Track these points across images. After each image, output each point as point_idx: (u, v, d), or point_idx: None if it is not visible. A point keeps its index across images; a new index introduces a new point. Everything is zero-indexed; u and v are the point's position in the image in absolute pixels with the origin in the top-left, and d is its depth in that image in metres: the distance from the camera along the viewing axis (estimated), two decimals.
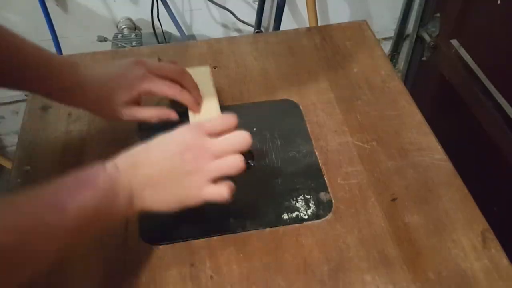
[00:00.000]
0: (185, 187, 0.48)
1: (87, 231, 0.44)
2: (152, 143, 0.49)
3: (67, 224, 0.41)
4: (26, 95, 0.93)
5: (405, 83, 1.61)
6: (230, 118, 0.50)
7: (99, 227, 0.46)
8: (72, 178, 0.44)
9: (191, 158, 0.47)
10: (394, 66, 1.66)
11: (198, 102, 0.61)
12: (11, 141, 1.53)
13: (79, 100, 0.57)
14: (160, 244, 0.53)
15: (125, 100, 0.57)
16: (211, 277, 0.50)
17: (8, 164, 1.47)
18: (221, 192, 0.48)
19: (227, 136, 0.49)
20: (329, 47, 0.79)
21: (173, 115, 0.59)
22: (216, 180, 0.48)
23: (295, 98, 0.70)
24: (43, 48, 0.55)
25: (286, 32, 0.83)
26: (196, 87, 0.61)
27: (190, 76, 0.61)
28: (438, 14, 1.37)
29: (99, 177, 0.44)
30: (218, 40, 0.81)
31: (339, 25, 0.83)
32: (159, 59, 0.63)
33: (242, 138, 0.49)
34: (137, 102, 0.59)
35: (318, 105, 0.69)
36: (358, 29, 0.82)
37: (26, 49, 0.54)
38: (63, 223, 0.41)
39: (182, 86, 0.59)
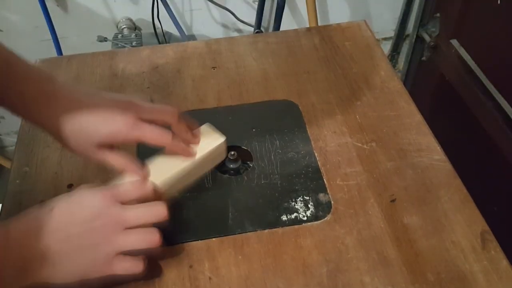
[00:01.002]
0: (91, 260, 0.44)
1: None
2: (59, 207, 0.44)
3: None
4: None
5: (405, 83, 1.62)
6: (145, 185, 0.48)
7: None
8: None
9: (100, 227, 0.43)
10: (394, 66, 1.66)
11: (190, 152, 0.53)
12: (11, 141, 1.54)
13: (43, 118, 0.48)
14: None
15: (103, 142, 0.49)
16: (210, 278, 0.50)
17: (8, 164, 1.47)
18: (132, 267, 0.45)
19: (142, 206, 0.46)
20: (329, 47, 0.78)
21: (141, 173, 0.51)
22: (126, 253, 0.45)
23: (294, 99, 0.69)
24: (9, 49, 0.48)
25: (285, 32, 0.83)
26: (187, 130, 0.53)
27: (183, 118, 0.53)
28: (438, 14, 1.37)
29: None
30: (218, 40, 0.81)
31: (338, 25, 0.83)
32: (151, 101, 0.58)
33: (157, 210, 0.46)
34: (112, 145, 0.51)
35: (317, 105, 0.68)
36: (358, 29, 0.82)
37: None
38: None
39: (174, 129, 0.52)
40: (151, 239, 0.46)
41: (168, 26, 1.34)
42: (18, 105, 0.49)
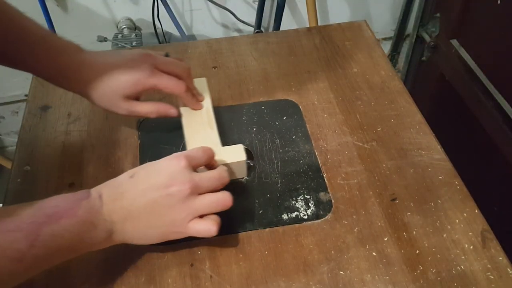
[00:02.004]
0: (169, 222, 0.47)
1: (57, 258, 0.43)
2: (138, 174, 0.48)
3: (36, 252, 0.40)
4: (26, 95, 0.93)
5: (405, 83, 1.61)
6: (211, 151, 0.52)
7: (71, 255, 0.44)
8: (53, 202, 0.43)
9: (177, 192, 0.46)
10: (394, 66, 1.66)
11: (198, 105, 0.61)
12: (11, 141, 1.54)
13: (77, 83, 0.56)
14: (160, 244, 0.52)
15: (127, 93, 0.56)
16: (211, 277, 0.50)
17: (8, 164, 1.47)
18: (208, 228, 0.47)
19: (213, 172, 0.49)
20: (329, 47, 0.79)
21: (172, 111, 0.59)
22: (202, 215, 0.47)
23: (294, 98, 0.70)
24: (43, 27, 0.54)
25: (286, 32, 0.83)
26: (195, 88, 0.62)
27: (191, 78, 0.61)
28: (438, 14, 1.37)
29: (79, 205, 0.43)
30: (218, 40, 0.81)
31: (338, 25, 0.83)
32: (167, 55, 0.62)
33: (225, 174, 0.50)
34: (137, 97, 0.58)
35: (318, 105, 0.69)
36: (358, 29, 0.82)
37: (22, 23, 0.53)
38: (32, 251, 0.39)
39: (185, 82, 0.59)
40: (224, 200, 0.48)
41: (168, 26, 1.34)
42: (54, 75, 0.55)
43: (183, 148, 0.60)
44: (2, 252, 0.38)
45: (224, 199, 0.48)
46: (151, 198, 0.46)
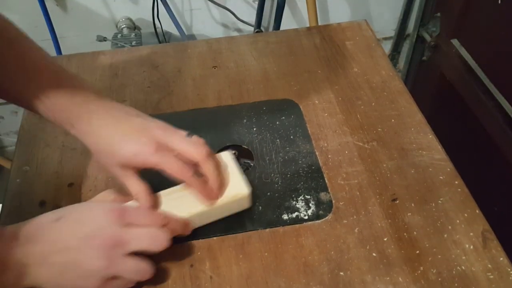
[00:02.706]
0: (84, 277, 0.44)
1: None
2: (65, 218, 0.45)
3: None
4: None
5: (405, 83, 1.61)
6: (155, 213, 0.48)
7: None
8: None
9: (98, 246, 0.43)
10: (395, 65, 1.66)
11: (210, 195, 0.51)
12: (11, 141, 1.53)
13: (77, 132, 0.50)
14: None
15: (126, 163, 0.49)
16: (211, 277, 0.50)
17: (7, 164, 1.47)
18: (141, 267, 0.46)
19: (145, 229, 0.46)
20: (329, 47, 0.78)
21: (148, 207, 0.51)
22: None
23: (295, 98, 0.69)
24: (56, 63, 0.51)
25: (286, 31, 0.83)
26: (215, 177, 0.50)
27: (213, 163, 0.50)
28: (438, 14, 1.37)
29: None
30: (218, 39, 0.81)
31: (339, 25, 0.83)
32: (189, 134, 0.52)
33: (158, 236, 0.46)
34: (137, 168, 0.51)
35: (318, 105, 0.68)
36: (358, 29, 0.82)
37: (37, 63, 0.49)
38: None
39: (199, 169, 0.50)
40: (145, 272, 0.46)
41: (168, 25, 1.34)
42: (54, 115, 0.50)
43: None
44: None
45: (144, 270, 0.46)
46: (72, 246, 0.44)
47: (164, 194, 0.52)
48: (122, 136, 0.49)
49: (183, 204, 0.51)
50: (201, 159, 0.49)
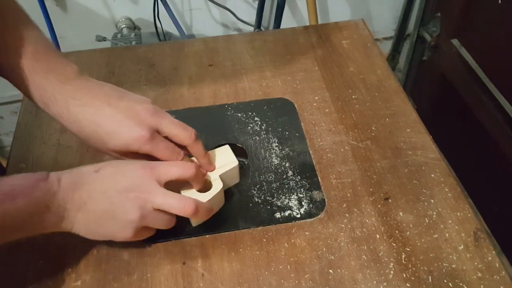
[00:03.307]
0: (118, 225, 0.46)
1: (4, 237, 0.42)
2: (104, 170, 0.47)
3: None
4: None
5: (405, 83, 1.61)
6: (192, 169, 0.49)
7: (19, 236, 0.44)
8: (10, 181, 0.42)
9: (133, 199, 0.46)
10: (395, 65, 1.66)
11: (201, 174, 0.52)
12: (10, 141, 1.54)
13: (60, 116, 0.49)
14: (152, 242, 0.53)
15: (118, 150, 0.49)
16: (203, 275, 0.50)
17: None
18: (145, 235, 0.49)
19: (176, 195, 0.47)
20: (326, 46, 0.78)
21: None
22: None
23: (290, 97, 0.69)
24: (46, 41, 0.50)
25: (283, 30, 0.83)
26: (203, 154, 0.53)
27: (201, 144, 0.52)
28: (439, 14, 1.37)
29: (36, 186, 0.43)
30: (215, 38, 0.81)
31: (336, 24, 0.83)
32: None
33: (186, 204, 0.47)
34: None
35: (313, 103, 0.68)
36: (355, 28, 0.82)
37: (24, 36, 0.48)
38: None
39: (190, 149, 0.52)
40: (170, 222, 0.49)
41: (168, 25, 1.34)
42: (41, 100, 0.49)
43: None
44: None
45: (170, 221, 0.49)
46: (109, 196, 0.46)
47: None
48: (111, 124, 0.48)
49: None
50: (190, 142, 0.51)
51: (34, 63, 0.48)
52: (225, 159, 0.55)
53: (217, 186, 0.53)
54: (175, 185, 0.51)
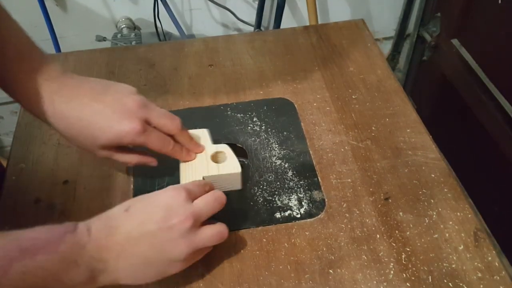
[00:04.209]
0: (168, 258, 0.44)
1: None
2: (134, 206, 0.44)
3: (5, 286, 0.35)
4: None
5: (405, 83, 1.61)
6: (210, 185, 0.50)
7: None
8: (32, 234, 0.38)
9: (178, 225, 0.43)
10: (395, 65, 1.66)
11: (190, 155, 0.55)
12: (10, 141, 1.54)
13: (44, 114, 0.48)
14: None
15: (109, 144, 0.49)
16: (203, 275, 0.50)
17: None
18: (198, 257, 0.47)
19: (208, 196, 0.47)
20: (326, 46, 0.78)
21: (153, 162, 0.55)
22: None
23: (290, 97, 0.69)
24: (26, 39, 0.49)
25: (283, 30, 0.83)
26: (190, 139, 0.55)
27: (187, 132, 0.54)
28: (439, 14, 1.37)
29: (62, 239, 0.39)
30: (215, 38, 0.81)
31: (336, 24, 0.83)
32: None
33: (219, 194, 0.48)
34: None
35: (313, 103, 0.68)
36: (355, 28, 0.82)
37: (3, 33, 0.47)
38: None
39: (177, 138, 0.53)
40: (222, 234, 0.47)
41: (168, 25, 1.34)
42: (26, 100, 0.48)
43: None
44: None
45: (222, 232, 0.47)
46: (150, 231, 0.42)
47: None
48: (100, 120, 0.47)
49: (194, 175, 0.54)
50: (177, 131, 0.52)
51: (19, 64, 0.47)
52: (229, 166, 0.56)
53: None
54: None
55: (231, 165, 0.55)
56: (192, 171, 0.54)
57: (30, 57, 0.48)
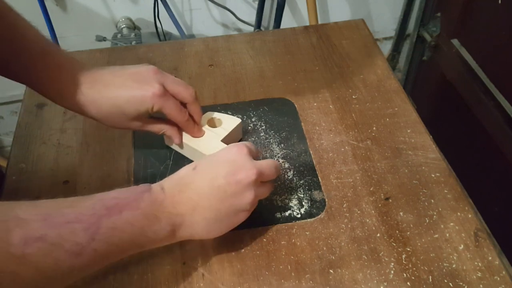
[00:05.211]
0: (238, 209, 0.46)
1: (117, 254, 0.41)
2: (200, 165, 0.47)
3: (96, 246, 0.37)
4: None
5: (405, 83, 1.61)
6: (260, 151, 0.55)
7: (132, 251, 0.42)
8: (112, 194, 0.41)
9: (245, 178, 0.45)
10: (395, 65, 1.66)
11: (201, 131, 0.58)
12: (10, 141, 1.54)
13: (77, 103, 0.51)
14: None
15: (137, 114, 0.52)
16: (203, 275, 0.50)
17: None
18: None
19: (270, 161, 0.49)
20: (326, 46, 0.78)
21: (178, 140, 0.58)
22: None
23: (290, 97, 0.69)
24: (45, 38, 0.51)
25: (283, 30, 0.83)
26: (200, 112, 0.58)
27: (199, 103, 0.57)
28: (439, 14, 1.37)
29: (141, 198, 0.42)
30: (215, 38, 0.81)
31: (336, 24, 0.83)
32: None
33: (277, 164, 0.51)
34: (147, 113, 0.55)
35: (313, 103, 0.68)
36: (355, 28, 0.82)
37: (24, 33, 0.50)
38: (92, 245, 0.37)
39: (189, 107, 0.56)
40: (278, 167, 0.50)
41: (168, 25, 1.34)
42: (53, 92, 0.52)
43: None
44: (61, 245, 0.35)
45: (277, 166, 0.50)
46: (219, 186, 0.45)
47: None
48: (125, 92, 0.51)
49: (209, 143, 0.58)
50: (191, 99, 0.55)
51: (44, 61, 0.50)
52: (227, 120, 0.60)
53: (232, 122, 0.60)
54: None
55: (230, 120, 0.60)
56: (203, 143, 0.58)
57: (52, 53, 0.51)
